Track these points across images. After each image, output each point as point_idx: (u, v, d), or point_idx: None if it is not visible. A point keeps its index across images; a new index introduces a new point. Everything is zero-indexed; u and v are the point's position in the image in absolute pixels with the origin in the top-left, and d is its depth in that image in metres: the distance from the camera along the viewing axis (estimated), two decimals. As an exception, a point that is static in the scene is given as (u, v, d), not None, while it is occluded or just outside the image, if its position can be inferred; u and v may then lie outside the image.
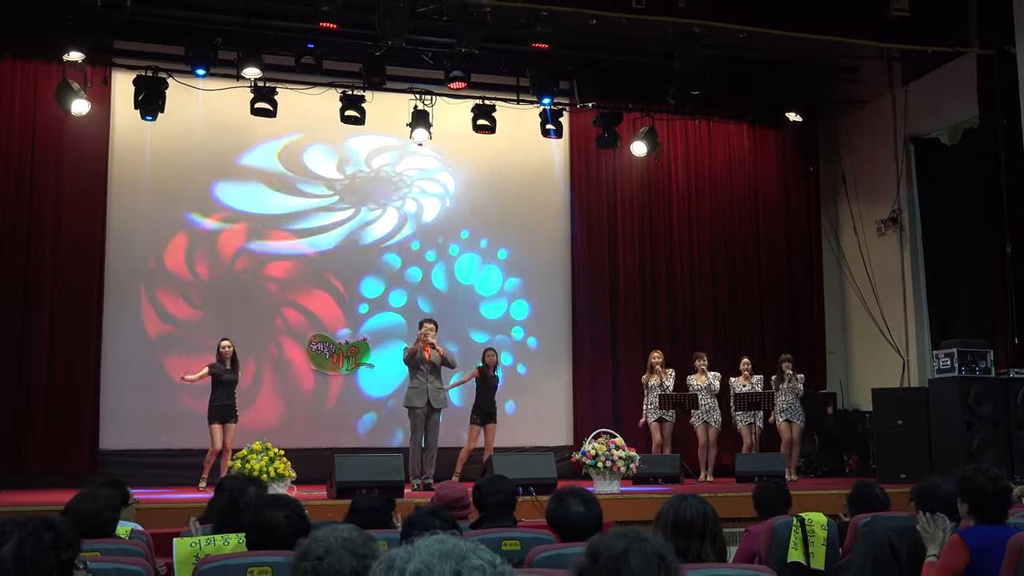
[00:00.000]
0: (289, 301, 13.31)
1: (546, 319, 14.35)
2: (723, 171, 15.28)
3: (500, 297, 14.19)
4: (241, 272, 13.17)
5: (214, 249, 13.12)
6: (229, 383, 11.09)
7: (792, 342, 14.70)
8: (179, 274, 12.94)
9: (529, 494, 8.98)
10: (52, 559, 2.77)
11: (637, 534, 2.36)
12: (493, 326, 14.06)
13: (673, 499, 3.75)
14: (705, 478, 12.47)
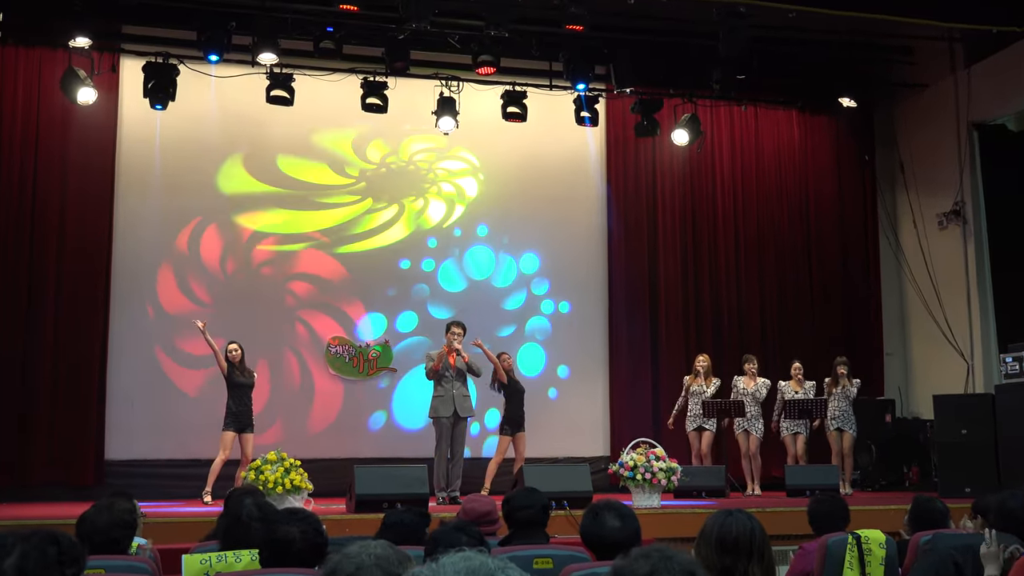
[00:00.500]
0: (307, 301, 13.35)
1: (581, 320, 14.31)
2: (771, 161, 15.20)
3: (530, 297, 14.17)
4: (256, 271, 13.23)
5: (228, 247, 13.18)
6: (242, 387, 11.13)
7: (847, 345, 14.60)
8: (190, 275, 13.01)
9: (562, 508, 8.97)
10: (55, 574, 2.77)
11: (662, 552, 2.34)
12: (523, 327, 14.04)
13: (718, 514, 3.72)
14: (752, 491, 12.40)
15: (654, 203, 14.65)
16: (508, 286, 14.11)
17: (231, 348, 11.25)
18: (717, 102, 14.65)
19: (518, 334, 13.99)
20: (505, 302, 14.07)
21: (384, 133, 13.83)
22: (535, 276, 14.23)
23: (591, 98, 13.73)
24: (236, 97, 13.20)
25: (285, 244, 13.38)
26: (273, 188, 13.42)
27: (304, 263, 13.42)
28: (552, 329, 14.20)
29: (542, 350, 14.09)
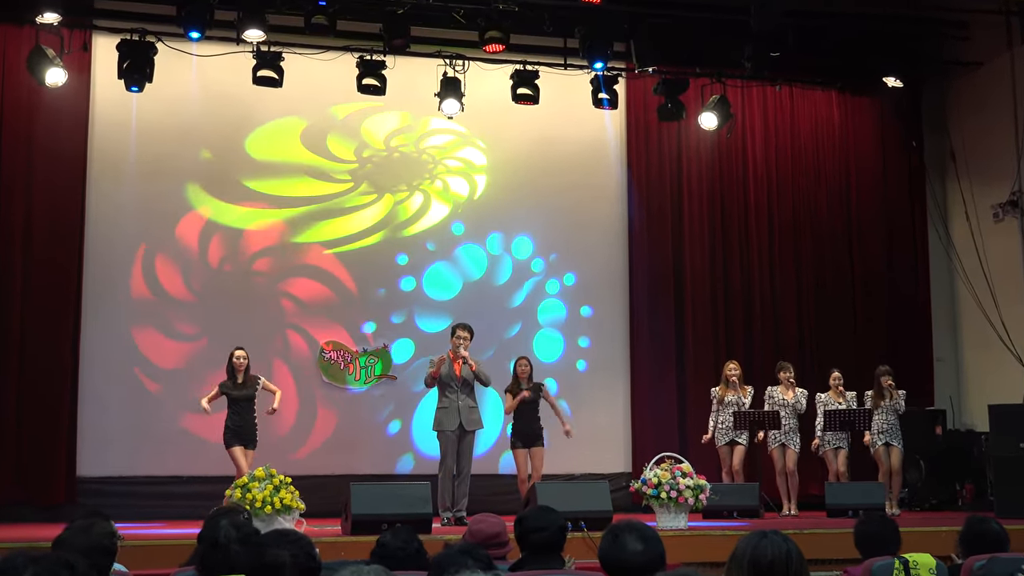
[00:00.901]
0: (298, 302, 13.37)
1: (599, 322, 14.32)
2: (809, 146, 15.18)
3: (543, 296, 14.17)
4: (242, 267, 13.26)
5: (210, 242, 13.21)
6: (243, 400, 11.15)
7: (892, 351, 14.56)
8: (170, 271, 13.04)
9: (579, 529, 8.96)
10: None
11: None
12: (535, 330, 14.05)
13: (751, 536, 3.71)
14: (789, 511, 12.38)
15: (679, 193, 14.64)
16: (518, 284, 14.12)
17: (237, 355, 11.25)
18: (748, 82, 14.64)
19: (529, 335, 13.99)
20: (514, 301, 14.08)
21: (383, 117, 13.85)
22: (548, 273, 14.24)
23: (610, 78, 13.73)
24: (219, 78, 13.23)
25: (273, 239, 13.40)
26: (259, 177, 13.43)
27: (294, 260, 13.45)
28: (567, 331, 14.20)
29: (556, 353, 14.08)
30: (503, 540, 5.54)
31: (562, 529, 5.22)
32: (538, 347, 13.92)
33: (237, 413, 11.12)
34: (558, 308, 14.21)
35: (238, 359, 11.22)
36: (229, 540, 4.48)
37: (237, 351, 11.28)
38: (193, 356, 12.91)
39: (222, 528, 4.59)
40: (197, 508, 11.06)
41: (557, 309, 14.20)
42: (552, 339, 14.12)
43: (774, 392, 12.63)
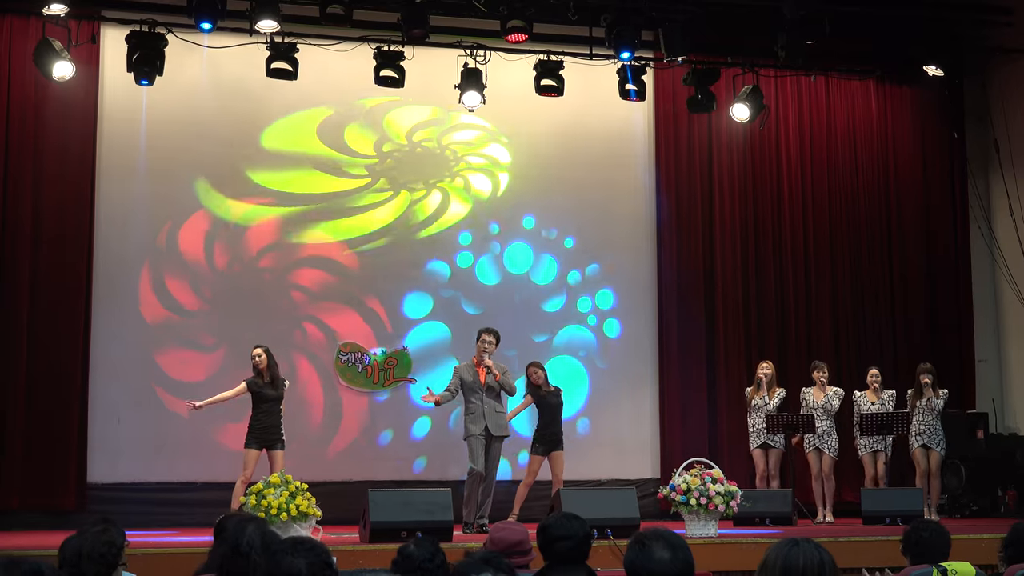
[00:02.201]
0: (314, 302, 13.42)
1: (626, 322, 14.32)
2: (845, 139, 15.14)
3: (568, 294, 14.19)
4: (256, 268, 13.31)
5: (224, 241, 13.27)
6: (271, 400, 11.15)
7: (932, 350, 14.53)
8: (182, 271, 13.11)
9: (606, 537, 8.99)
10: None
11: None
12: (560, 329, 14.06)
13: (782, 544, 3.72)
14: (824, 518, 12.37)
15: (710, 188, 14.63)
16: (542, 283, 14.14)
17: (255, 354, 11.24)
18: (782, 71, 14.61)
19: (553, 335, 14.01)
20: (539, 301, 14.10)
21: (401, 110, 13.89)
22: (572, 272, 14.24)
23: (637, 68, 13.71)
24: (232, 70, 13.30)
25: (289, 236, 13.46)
26: (273, 173, 13.49)
27: (311, 258, 13.49)
28: (593, 332, 14.20)
29: (580, 357, 14.09)
30: (526, 548, 5.56)
31: (587, 537, 5.23)
32: (562, 348, 13.92)
33: (264, 413, 11.12)
34: (583, 307, 14.20)
35: (254, 358, 11.22)
36: (252, 548, 4.53)
37: (255, 349, 11.28)
38: (205, 359, 12.97)
39: (247, 535, 4.63)
40: (210, 515, 11.09)
41: (582, 307, 14.20)
42: (577, 340, 14.12)
43: (807, 394, 12.63)
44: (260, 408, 11.13)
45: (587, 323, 14.21)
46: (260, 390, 11.14)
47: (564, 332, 14.10)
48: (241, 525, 4.82)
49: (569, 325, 14.14)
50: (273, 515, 9.23)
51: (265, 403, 11.12)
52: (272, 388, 11.18)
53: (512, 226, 14.12)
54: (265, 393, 11.13)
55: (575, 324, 14.17)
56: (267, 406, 11.12)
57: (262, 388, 11.15)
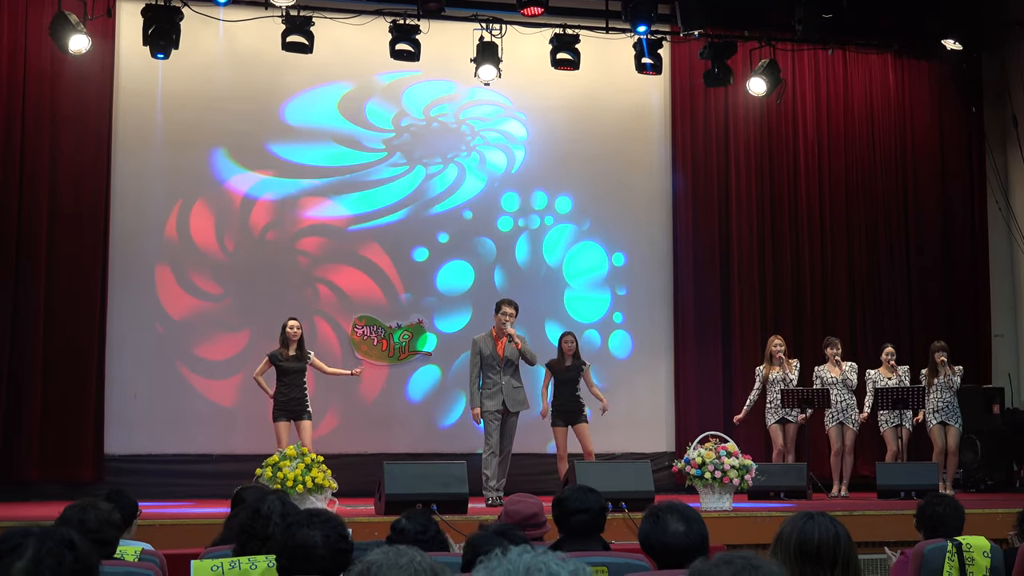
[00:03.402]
0: (327, 277, 13.43)
1: (641, 296, 14.31)
2: (862, 114, 15.07)
3: (583, 270, 14.17)
4: (272, 243, 13.32)
5: (239, 215, 13.27)
6: (294, 372, 11.18)
7: (948, 326, 14.49)
8: (198, 246, 13.11)
9: (620, 510, 9.00)
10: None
11: (747, 561, 2.36)
12: (574, 305, 14.06)
13: (797, 518, 3.72)
14: (839, 492, 12.36)
15: (726, 162, 14.58)
16: (557, 257, 14.11)
17: (291, 325, 11.25)
18: (799, 45, 14.54)
19: (569, 309, 14.00)
20: (552, 275, 14.08)
21: (416, 84, 13.85)
22: (588, 245, 14.22)
23: (654, 42, 13.65)
24: (248, 44, 13.28)
25: (307, 210, 13.45)
26: (289, 146, 13.48)
27: (328, 232, 13.48)
28: (607, 306, 14.20)
29: (595, 329, 14.09)
30: (540, 521, 5.58)
31: (603, 510, 5.24)
32: (578, 321, 13.91)
33: (287, 386, 11.14)
34: (599, 281, 14.19)
35: (292, 329, 11.21)
36: (272, 512, 4.57)
37: (291, 321, 11.29)
38: (222, 334, 12.99)
39: (269, 501, 4.68)
40: (227, 487, 11.13)
41: (598, 282, 14.19)
42: (592, 313, 14.11)
43: (821, 372, 12.59)
44: (283, 381, 11.16)
45: (601, 298, 14.19)
46: (283, 363, 11.16)
47: (579, 307, 14.08)
48: (262, 493, 4.87)
49: (584, 300, 14.12)
50: (289, 487, 9.26)
51: (288, 375, 11.15)
52: (296, 360, 11.19)
53: (527, 201, 14.09)
54: (289, 366, 11.16)
55: (590, 299, 14.15)
56: (290, 378, 11.15)
57: (286, 360, 11.17)
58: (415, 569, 2.52)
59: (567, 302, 14.06)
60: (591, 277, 14.20)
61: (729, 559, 2.37)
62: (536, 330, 13.20)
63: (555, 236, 14.15)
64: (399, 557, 2.55)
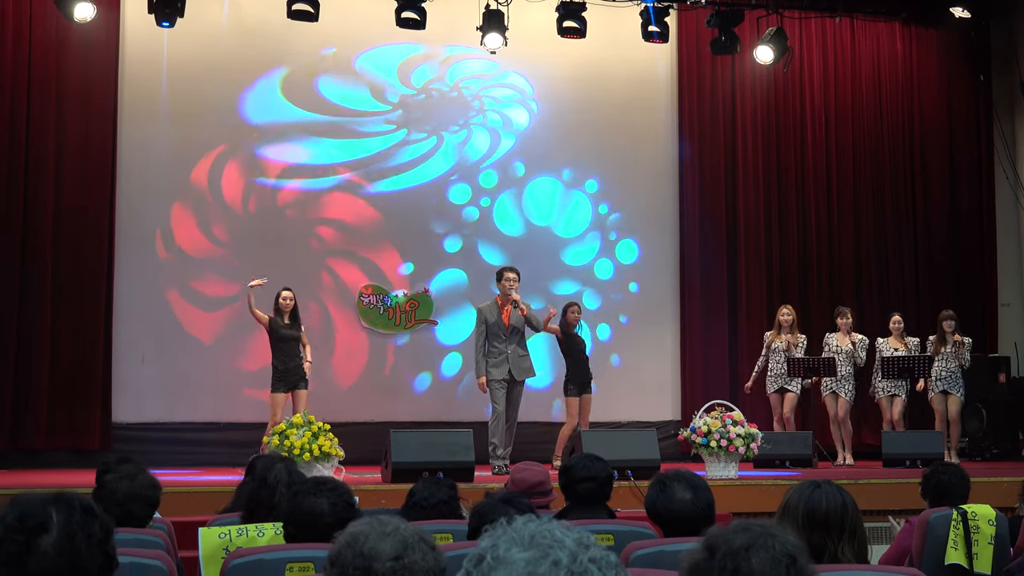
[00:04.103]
0: (336, 244, 13.41)
1: (647, 266, 14.29)
2: (869, 82, 15.00)
3: (589, 239, 14.15)
4: (279, 210, 13.29)
5: (246, 184, 13.25)
6: (290, 340, 11.18)
7: (955, 295, 14.47)
8: (205, 214, 13.10)
9: (626, 479, 9.01)
10: (100, 557, 2.62)
11: (765, 529, 2.36)
12: (580, 275, 14.04)
13: (804, 486, 3.72)
14: (844, 461, 12.37)
15: (732, 131, 14.53)
16: (561, 227, 14.09)
17: (284, 296, 11.24)
18: (807, 13, 14.48)
19: (574, 279, 13.99)
20: (559, 244, 14.06)
21: (422, 53, 13.79)
22: (594, 215, 14.20)
23: (660, 10, 13.60)
24: (253, 12, 13.23)
25: (312, 179, 13.43)
26: (296, 116, 13.44)
27: (333, 201, 13.47)
28: (614, 275, 14.18)
29: (601, 298, 14.08)
30: (546, 489, 5.59)
31: (609, 479, 5.25)
32: (584, 290, 13.90)
33: (284, 353, 11.13)
34: (605, 251, 14.17)
35: (284, 300, 11.21)
36: (278, 482, 4.60)
37: (284, 291, 11.27)
38: (230, 300, 12.98)
39: (276, 470, 4.71)
40: (233, 455, 11.27)
41: (604, 252, 14.17)
42: (598, 282, 14.10)
43: (830, 339, 12.58)
44: (280, 348, 11.15)
45: (608, 267, 14.17)
46: (281, 329, 11.16)
47: (585, 275, 14.07)
48: (270, 462, 4.90)
49: (590, 268, 14.11)
50: (296, 455, 9.27)
51: (285, 343, 11.15)
52: (291, 328, 11.20)
53: (533, 170, 14.05)
54: (286, 333, 11.16)
55: (596, 267, 14.13)
56: (287, 346, 11.15)
57: (283, 327, 11.17)
58: (402, 535, 2.51)
59: (571, 271, 14.03)
60: (596, 245, 14.16)
61: (747, 526, 2.37)
62: (544, 298, 13.15)
63: (560, 204, 14.10)
64: (384, 525, 2.54)
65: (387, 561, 2.47)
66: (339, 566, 2.52)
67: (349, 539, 2.53)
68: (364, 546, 2.50)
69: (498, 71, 14.02)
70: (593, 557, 1.82)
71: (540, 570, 1.78)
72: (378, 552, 2.48)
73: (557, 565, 1.79)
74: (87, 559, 2.58)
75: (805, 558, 2.37)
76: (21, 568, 2.51)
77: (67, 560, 2.56)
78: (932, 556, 5.37)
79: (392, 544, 2.50)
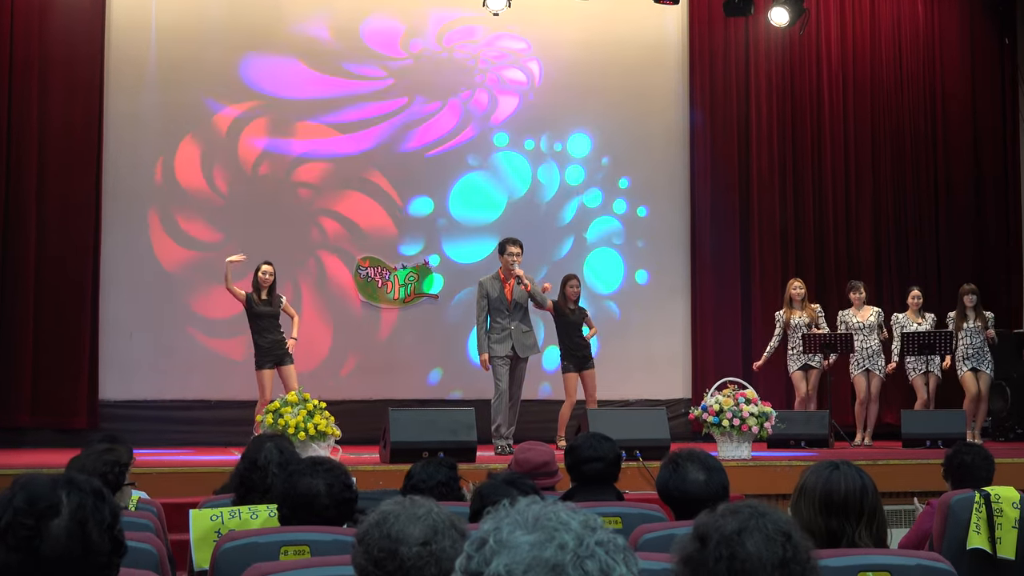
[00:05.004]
0: (329, 214, 13.37)
1: (657, 238, 14.26)
2: (889, 45, 14.93)
3: (597, 210, 14.12)
4: (271, 177, 13.25)
5: (238, 150, 13.20)
6: (267, 317, 11.16)
7: (978, 268, 14.44)
8: (194, 182, 13.06)
9: (635, 459, 9.01)
10: (108, 541, 2.61)
11: (755, 509, 2.36)
12: (587, 247, 14.01)
13: (821, 467, 3.71)
14: (862, 441, 12.36)
15: (746, 97, 14.47)
16: (568, 198, 14.05)
17: (264, 270, 11.18)
18: (824, -27, 14.41)
19: (581, 253, 13.96)
20: (564, 216, 14.03)
21: (423, 13, 13.74)
22: (602, 185, 14.16)
23: (671, -30, 13.54)
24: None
25: (306, 148, 13.39)
26: (290, 80, 13.38)
27: (327, 169, 13.42)
28: (622, 247, 14.15)
29: (610, 271, 14.06)
30: (552, 469, 5.58)
31: (617, 459, 5.24)
32: (590, 264, 13.89)
33: (265, 330, 11.12)
34: (613, 223, 14.13)
35: (264, 274, 11.16)
36: (269, 462, 4.59)
37: (264, 266, 11.22)
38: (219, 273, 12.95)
39: (265, 450, 4.70)
40: (226, 434, 11.30)
41: (612, 224, 14.13)
42: (605, 256, 14.07)
43: (846, 316, 12.55)
44: (260, 325, 11.14)
45: (616, 240, 14.14)
46: (257, 307, 11.15)
47: (592, 246, 14.04)
48: (259, 442, 4.89)
49: (598, 239, 14.08)
50: (291, 434, 9.27)
51: (263, 319, 11.14)
52: (267, 305, 11.18)
53: (539, 136, 14.00)
54: (261, 310, 11.14)
55: (604, 238, 14.10)
56: (264, 322, 11.14)
57: (259, 305, 11.16)
58: (433, 520, 2.52)
59: (578, 243, 14.00)
60: (603, 217, 14.12)
61: (735, 508, 2.37)
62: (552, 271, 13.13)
63: (567, 173, 14.06)
64: (416, 508, 2.55)
65: (414, 546, 2.48)
66: (365, 545, 2.54)
67: (379, 518, 2.55)
68: (392, 527, 2.51)
69: (501, 33, 13.93)
70: (600, 540, 1.81)
71: (545, 553, 1.77)
72: (406, 536, 2.50)
73: (563, 548, 1.78)
74: (98, 544, 2.58)
75: (799, 533, 2.38)
76: (32, 553, 2.52)
77: (79, 544, 2.56)
78: (953, 540, 5.36)
79: (422, 528, 2.51)
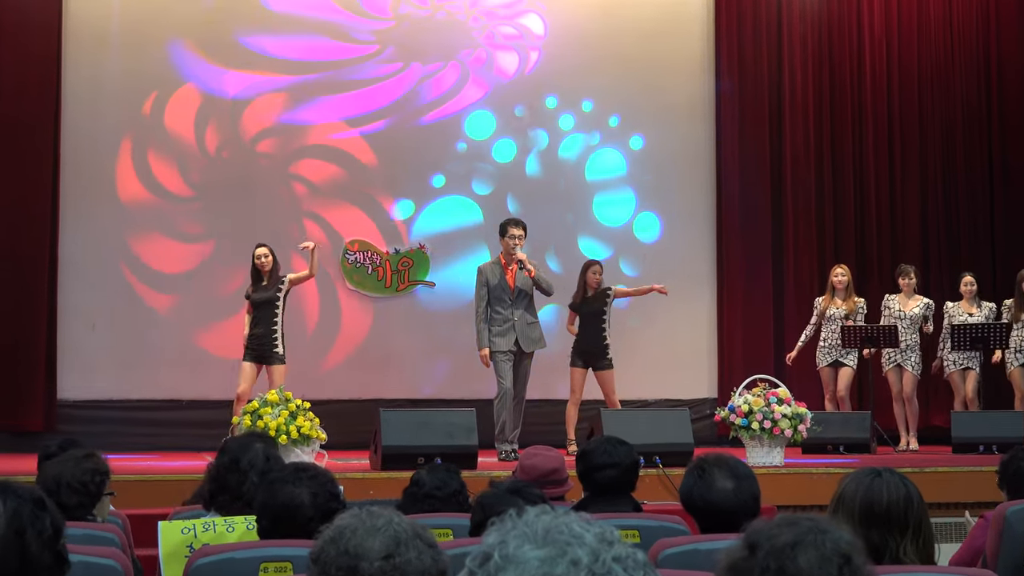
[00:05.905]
0: (317, 191, 13.39)
1: (680, 220, 14.27)
2: (939, 10, 14.89)
3: (612, 188, 14.13)
4: (251, 152, 13.28)
5: (209, 120, 13.22)
6: (260, 304, 11.13)
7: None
8: (164, 154, 13.09)
9: (654, 465, 9.02)
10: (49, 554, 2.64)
11: (815, 523, 2.35)
12: (604, 230, 14.03)
13: (861, 475, 3.71)
14: (907, 445, 12.37)
15: (779, 67, 14.47)
16: (579, 174, 14.08)
17: (258, 253, 11.17)
18: (866, -75, 14.41)
19: (592, 236, 13.99)
20: (574, 195, 14.06)
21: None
22: (620, 161, 14.18)
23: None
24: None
25: (287, 117, 13.41)
26: (268, 37, 13.40)
27: (312, 142, 13.45)
28: (640, 231, 14.16)
29: (626, 258, 14.06)
30: (561, 477, 5.59)
31: (634, 465, 5.24)
32: (605, 250, 13.87)
33: (254, 321, 11.14)
34: (630, 203, 14.14)
35: (260, 259, 11.14)
36: (252, 467, 4.57)
37: (258, 248, 11.21)
38: (194, 259, 12.99)
39: (252, 452, 4.67)
40: (199, 437, 11.30)
41: (629, 204, 14.14)
42: (621, 241, 14.08)
43: (891, 301, 12.54)
44: (254, 313, 11.17)
45: (634, 224, 14.15)
46: (251, 295, 11.18)
47: (605, 229, 14.05)
48: (247, 441, 4.85)
49: (611, 221, 14.09)
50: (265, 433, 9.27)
51: (257, 308, 11.14)
52: (264, 291, 11.15)
53: (544, 107, 14.01)
54: (255, 297, 11.15)
55: (619, 220, 14.11)
56: (260, 312, 11.12)
57: (253, 293, 11.17)
58: (394, 530, 2.51)
59: (589, 226, 14.01)
60: (619, 197, 14.13)
61: (794, 520, 2.36)
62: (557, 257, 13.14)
63: (578, 147, 14.07)
64: (375, 519, 2.54)
65: (376, 560, 2.47)
66: (321, 564, 2.52)
67: (334, 534, 2.54)
68: (350, 543, 2.50)
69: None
70: (618, 556, 1.81)
71: (557, 571, 1.77)
72: (365, 550, 2.49)
73: (576, 565, 1.78)
74: (37, 557, 2.60)
75: (862, 557, 2.36)
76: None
77: (15, 556, 2.57)
78: (1009, 557, 5.35)
79: (382, 541, 2.49)
